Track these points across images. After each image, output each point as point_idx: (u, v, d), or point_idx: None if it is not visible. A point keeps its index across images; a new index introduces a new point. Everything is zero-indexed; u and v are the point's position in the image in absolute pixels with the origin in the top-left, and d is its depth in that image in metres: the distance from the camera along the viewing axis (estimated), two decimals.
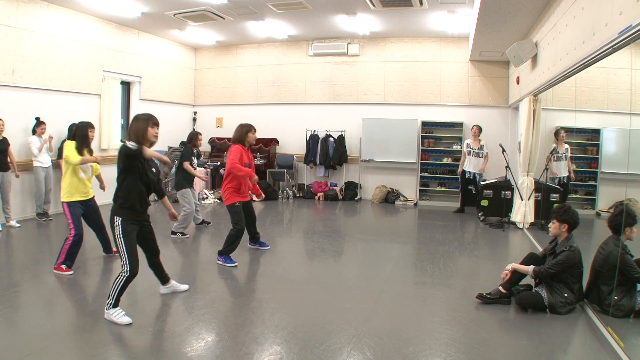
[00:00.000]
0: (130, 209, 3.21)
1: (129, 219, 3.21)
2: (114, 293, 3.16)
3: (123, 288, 3.18)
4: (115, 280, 3.18)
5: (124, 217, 3.19)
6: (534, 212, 6.89)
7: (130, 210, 3.22)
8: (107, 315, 3.16)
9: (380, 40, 9.59)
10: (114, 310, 3.15)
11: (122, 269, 3.17)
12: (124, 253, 3.17)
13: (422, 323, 3.31)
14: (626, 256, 3.34)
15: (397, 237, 6.48)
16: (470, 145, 8.12)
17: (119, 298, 3.18)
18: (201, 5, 7.40)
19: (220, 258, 4.71)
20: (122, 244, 3.17)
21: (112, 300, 3.16)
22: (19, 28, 6.67)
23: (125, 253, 3.17)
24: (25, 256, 5.07)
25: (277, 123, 10.29)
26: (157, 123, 3.30)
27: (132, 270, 3.17)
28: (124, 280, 3.16)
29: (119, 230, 3.18)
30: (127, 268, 3.16)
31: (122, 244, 3.17)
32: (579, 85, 5.77)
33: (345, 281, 4.41)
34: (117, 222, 3.19)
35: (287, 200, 9.58)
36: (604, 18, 3.54)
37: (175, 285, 3.78)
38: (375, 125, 9.45)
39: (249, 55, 10.54)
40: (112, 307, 3.16)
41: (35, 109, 6.81)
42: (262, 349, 2.84)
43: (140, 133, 3.18)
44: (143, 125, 3.20)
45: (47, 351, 2.72)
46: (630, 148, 5.11)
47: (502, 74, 9.10)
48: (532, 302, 3.57)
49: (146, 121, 3.22)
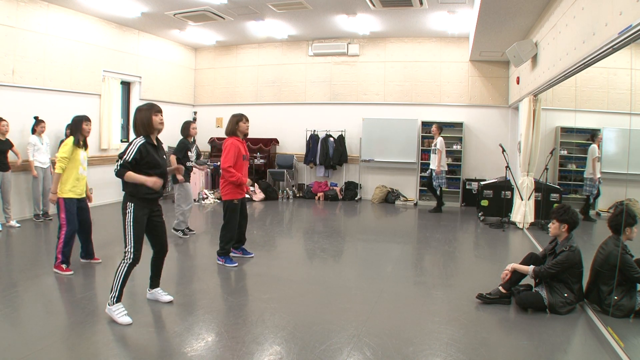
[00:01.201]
0: (142, 198, 3.21)
1: (140, 206, 3.21)
2: (117, 284, 3.15)
3: (126, 277, 3.17)
4: (117, 269, 3.18)
5: (137, 204, 3.20)
6: (534, 212, 6.89)
7: (142, 200, 3.21)
8: (108, 310, 3.14)
9: (380, 40, 9.59)
10: (117, 306, 3.14)
11: (124, 256, 3.17)
12: (130, 238, 3.16)
13: (422, 323, 3.31)
14: (626, 256, 3.34)
15: (397, 237, 6.48)
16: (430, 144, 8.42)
17: (122, 290, 3.16)
18: (201, 5, 7.40)
19: (220, 258, 4.69)
20: (131, 229, 3.16)
21: (116, 293, 3.14)
22: (19, 28, 6.67)
23: (132, 238, 3.16)
24: (25, 256, 5.07)
25: (277, 123, 10.30)
26: (159, 110, 3.33)
27: (135, 257, 3.17)
28: (126, 267, 3.16)
29: (130, 216, 3.17)
30: (131, 255, 3.16)
31: (131, 229, 3.16)
32: (579, 85, 5.76)
33: (345, 281, 4.41)
34: (129, 208, 3.18)
35: (287, 200, 9.58)
36: (604, 18, 3.54)
37: (161, 293, 3.60)
38: (375, 125, 9.45)
39: (249, 55, 10.54)
40: (115, 301, 3.14)
41: (35, 109, 6.81)
42: (262, 349, 2.84)
43: (147, 122, 3.22)
44: (147, 115, 3.24)
45: (47, 351, 2.72)
46: (630, 148, 5.10)
47: (502, 74, 9.10)
48: (532, 302, 3.57)
49: (149, 110, 3.25)
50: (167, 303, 3.55)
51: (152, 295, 3.62)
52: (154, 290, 3.62)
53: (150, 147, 3.23)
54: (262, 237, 6.14)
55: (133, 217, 3.17)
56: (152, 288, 3.62)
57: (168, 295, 3.62)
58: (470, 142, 9.32)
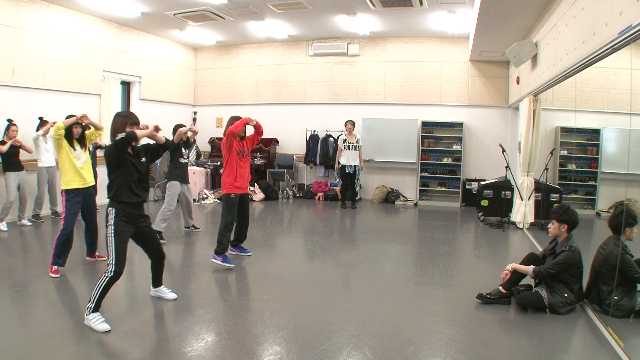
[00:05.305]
0: (123, 202, 3.14)
1: (122, 214, 3.13)
2: (95, 296, 3.05)
3: (105, 289, 3.07)
4: (99, 281, 3.09)
5: (118, 210, 3.13)
6: (534, 212, 6.89)
7: (124, 204, 3.14)
8: (87, 320, 3.04)
9: (380, 40, 9.59)
10: (93, 315, 3.04)
11: (107, 268, 3.08)
12: (112, 251, 3.07)
13: (422, 323, 3.31)
14: (626, 256, 3.34)
15: (397, 237, 6.48)
16: (347, 141, 8.50)
17: (100, 302, 3.07)
18: (201, 5, 7.40)
19: (217, 257, 4.57)
20: (112, 241, 3.08)
21: (92, 305, 3.05)
22: (19, 28, 6.67)
23: (114, 251, 3.07)
24: (30, 255, 5.07)
25: (277, 123, 10.28)
26: (136, 122, 3.26)
27: (117, 270, 3.06)
28: (107, 280, 3.05)
29: (111, 227, 3.10)
30: (113, 268, 3.05)
31: (112, 241, 3.08)
32: (579, 85, 5.76)
33: (345, 281, 4.41)
34: (110, 215, 3.12)
35: (287, 200, 9.58)
36: (604, 18, 3.54)
37: (164, 291, 3.64)
38: (375, 125, 9.45)
39: (249, 55, 10.54)
40: (91, 311, 3.05)
41: (35, 109, 6.81)
42: (262, 349, 2.84)
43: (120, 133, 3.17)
44: (121, 125, 3.21)
45: (47, 351, 2.72)
46: (630, 148, 5.10)
47: (502, 74, 9.10)
48: (532, 302, 3.57)
49: (124, 121, 3.23)
50: (170, 301, 3.56)
51: (155, 292, 3.64)
52: (158, 289, 3.64)
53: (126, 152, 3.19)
54: (262, 236, 6.14)
55: (114, 227, 3.09)
56: (155, 286, 3.64)
57: (172, 293, 3.65)
58: (470, 142, 9.32)
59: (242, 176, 4.69)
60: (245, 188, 4.76)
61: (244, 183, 4.72)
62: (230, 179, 4.63)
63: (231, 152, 4.65)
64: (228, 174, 4.65)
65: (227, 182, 4.63)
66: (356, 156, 8.49)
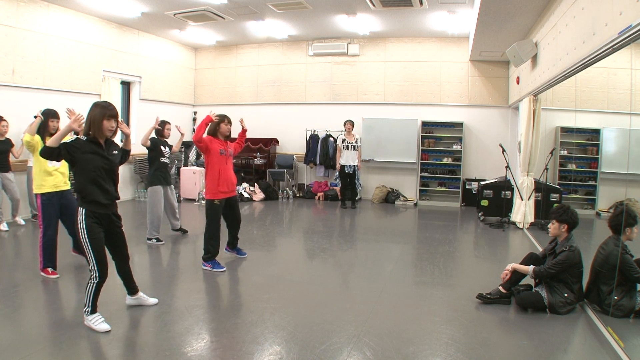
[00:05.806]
0: (92, 202, 2.99)
1: (92, 215, 2.98)
2: (88, 300, 3.02)
3: (96, 294, 3.04)
4: (87, 286, 3.05)
5: (87, 209, 2.98)
6: (534, 212, 6.89)
7: (93, 204, 2.99)
8: (86, 321, 3.03)
9: (380, 40, 9.59)
10: (93, 316, 3.03)
11: (90, 274, 3.01)
12: (91, 257, 2.98)
13: (422, 323, 3.31)
14: (626, 256, 3.34)
15: (397, 237, 6.48)
16: (346, 140, 8.51)
17: (95, 304, 3.05)
18: (201, 5, 7.40)
19: (207, 264, 4.43)
20: (89, 246, 2.97)
21: (89, 308, 3.03)
22: (19, 28, 6.67)
23: (93, 257, 2.98)
24: (26, 256, 5.07)
25: (277, 123, 10.30)
26: (114, 115, 3.04)
27: (100, 275, 3.00)
28: (94, 286, 3.01)
29: (83, 229, 2.95)
30: (97, 274, 2.99)
31: (88, 245, 2.97)
32: (579, 85, 5.76)
33: (345, 281, 4.41)
34: (81, 216, 2.97)
35: (287, 200, 9.58)
36: (604, 18, 3.54)
37: (144, 297, 3.47)
38: (375, 125, 9.45)
39: (249, 55, 10.54)
40: (89, 313, 3.04)
41: (35, 109, 6.78)
42: (262, 349, 2.83)
43: (96, 124, 2.99)
44: (99, 117, 2.99)
45: (47, 351, 2.72)
46: (630, 148, 5.10)
47: (502, 74, 9.10)
48: (532, 302, 3.57)
49: (102, 112, 3.00)
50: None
51: (135, 300, 3.45)
52: (137, 296, 3.45)
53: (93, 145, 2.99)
54: (262, 237, 6.14)
55: (86, 229, 2.95)
56: (132, 294, 3.44)
57: (153, 298, 3.51)
58: (470, 142, 9.32)
59: (225, 180, 4.40)
60: (231, 191, 4.50)
61: (229, 186, 4.45)
62: (213, 184, 4.35)
63: (210, 154, 4.34)
64: (210, 179, 4.36)
65: (210, 187, 4.36)
66: (355, 156, 8.50)
